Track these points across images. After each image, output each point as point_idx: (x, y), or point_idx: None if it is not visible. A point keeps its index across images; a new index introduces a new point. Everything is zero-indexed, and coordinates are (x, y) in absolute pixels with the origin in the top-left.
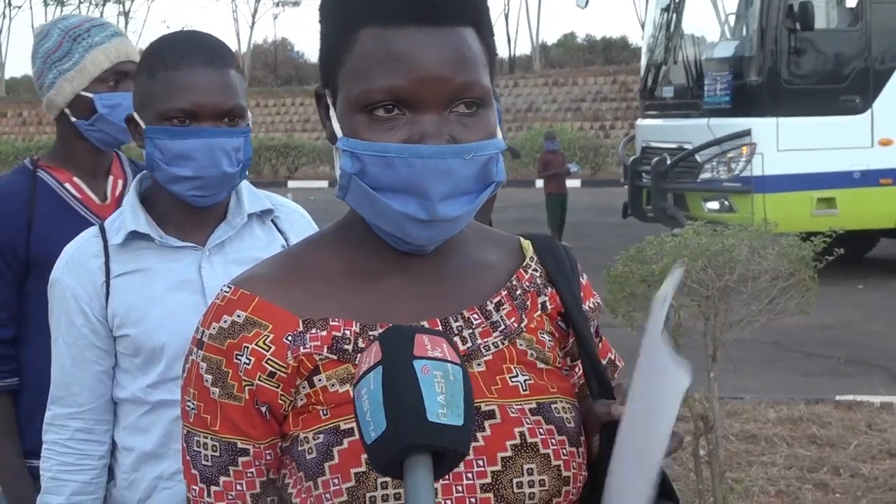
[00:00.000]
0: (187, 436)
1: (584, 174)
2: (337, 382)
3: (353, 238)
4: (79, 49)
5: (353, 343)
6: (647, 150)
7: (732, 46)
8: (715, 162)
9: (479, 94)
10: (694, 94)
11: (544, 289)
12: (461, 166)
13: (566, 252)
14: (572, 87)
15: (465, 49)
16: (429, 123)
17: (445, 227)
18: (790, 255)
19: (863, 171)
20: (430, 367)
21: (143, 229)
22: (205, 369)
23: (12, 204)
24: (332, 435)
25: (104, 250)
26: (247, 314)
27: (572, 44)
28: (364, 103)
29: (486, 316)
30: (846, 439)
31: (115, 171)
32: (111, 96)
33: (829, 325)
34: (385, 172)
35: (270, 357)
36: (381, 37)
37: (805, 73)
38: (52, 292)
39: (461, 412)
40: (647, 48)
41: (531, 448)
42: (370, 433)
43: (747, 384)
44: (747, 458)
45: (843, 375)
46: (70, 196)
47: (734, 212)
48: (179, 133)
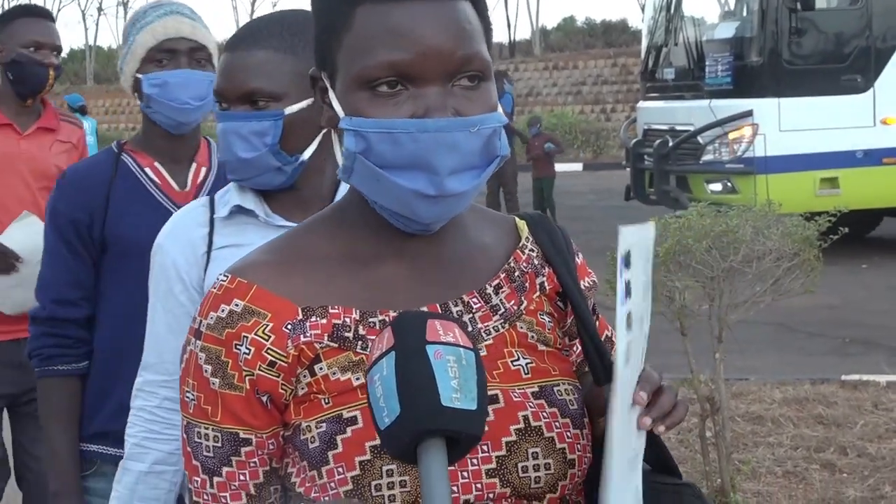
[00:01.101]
0: (187, 427)
1: (585, 157)
2: (338, 370)
3: (350, 224)
4: (133, 31)
5: (353, 330)
6: (649, 133)
7: (733, 27)
8: (717, 143)
9: (480, 66)
10: (695, 76)
11: (542, 269)
12: (467, 140)
13: (561, 231)
14: (573, 71)
15: (464, 21)
16: (433, 97)
17: (453, 202)
18: (794, 234)
19: (865, 151)
20: (443, 352)
21: (248, 205)
22: (203, 360)
23: (91, 185)
24: (335, 423)
25: (210, 221)
26: (245, 303)
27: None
28: (366, 80)
29: (486, 300)
30: (852, 419)
31: (200, 159)
32: (157, 76)
33: (834, 304)
34: (391, 149)
35: (270, 346)
36: (379, 12)
37: (806, 53)
38: (154, 258)
39: (475, 396)
40: (647, 30)
41: (536, 432)
42: (384, 419)
43: (753, 365)
44: (754, 439)
45: (849, 355)
46: (149, 181)
47: (737, 193)
48: (217, 117)
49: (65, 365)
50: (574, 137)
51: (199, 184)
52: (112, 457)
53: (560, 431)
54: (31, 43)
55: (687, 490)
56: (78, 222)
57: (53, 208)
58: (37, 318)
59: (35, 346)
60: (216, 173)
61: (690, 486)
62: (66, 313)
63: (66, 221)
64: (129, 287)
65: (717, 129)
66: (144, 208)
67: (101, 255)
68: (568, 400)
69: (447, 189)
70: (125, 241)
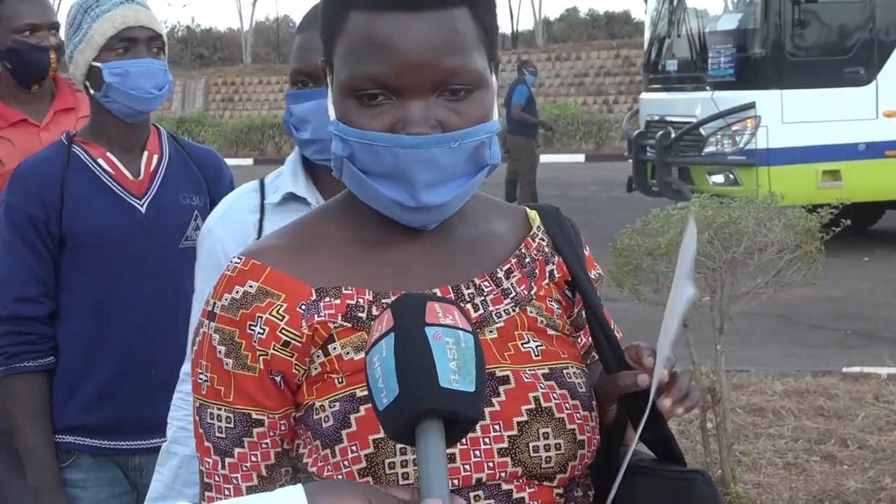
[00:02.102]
0: (200, 408)
1: (588, 149)
2: (352, 350)
3: (362, 207)
4: (87, 20)
5: (366, 311)
6: (652, 124)
7: (736, 19)
8: (719, 135)
9: (466, 79)
10: (698, 68)
11: (552, 257)
12: (446, 154)
13: (571, 223)
14: (575, 62)
15: (452, 33)
16: (414, 109)
17: (435, 211)
18: (796, 227)
19: (868, 143)
20: (442, 334)
21: (300, 192)
22: (217, 341)
23: (45, 179)
24: (349, 402)
25: (260, 207)
26: (259, 284)
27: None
28: (353, 88)
29: (497, 283)
30: (853, 411)
31: (151, 147)
32: (118, 64)
33: (836, 297)
34: (371, 159)
35: (285, 326)
36: (367, 21)
37: (809, 45)
38: (202, 242)
39: (473, 378)
40: (650, 22)
41: (546, 412)
42: (382, 400)
43: (754, 357)
44: (755, 430)
45: (850, 347)
46: (102, 171)
47: (739, 185)
48: (299, 96)
49: (31, 362)
50: (576, 129)
51: (153, 171)
52: (89, 447)
53: (570, 413)
54: (25, 27)
55: (698, 477)
56: (34, 218)
57: (8, 205)
58: None
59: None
60: (168, 160)
61: (701, 473)
62: (29, 311)
63: (23, 218)
64: (93, 279)
65: (720, 121)
66: (100, 199)
67: (60, 249)
68: (577, 383)
69: (423, 202)
70: (84, 234)
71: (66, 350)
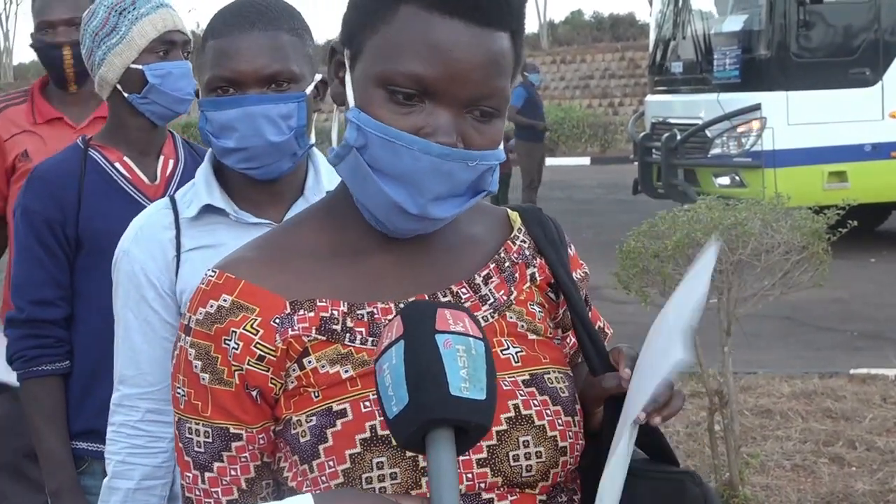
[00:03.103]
0: (179, 423)
1: (593, 151)
2: (327, 363)
3: (338, 217)
4: (125, 22)
5: (341, 323)
6: (657, 126)
7: (741, 20)
8: (725, 137)
9: (498, 103)
10: (703, 69)
11: (533, 260)
12: (462, 171)
13: (553, 222)
14: (580, 65)
15: (500, 55)
16: (445, 118)
17: (429, 224)
18: (803, 228)
19: (874, 145)
20: (453, 341)
21: (217, 203)
22: (193, 355)
23: (62, 182)
24: (325, 417)
25: (175, 223)
26: (233, 298)
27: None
28: (388, 81)
29: (475, 290)
30: (861, 413)
31: (167, 151)
32: (161, 66)
33: (842, 298)
34: (388, 157)
35: (259, 341)
36: (423, 18)
37: (814, 47)
38: (118, 266)
39: (483, 386)
40: (655, 23)
41: (526, 420)
42: (392, 408)
43: (761, 359)
44: (762, 432)
45: (857, 349)
46: (119, 175)
47: (745, 187)
48: (222, 103)
49: (49, 365)
50: (582, 131)
51: (169, 176)
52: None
53: (551, 419)
54: (43, 25)
55: (688, 478)
56: (51, 221)
57: (25, 207)
58: (15, 320)
59: (17, 348)
60: (183, 165)
61: (691, 475)
62: (46, 314)
63: (40, 220)
64: (107, 283)
65: (726, 123)
66: (117, 203)
67: (76, 252)
68: (559, 388)
69: (428, 212)
70: (100, 237)
71: (79, 354)
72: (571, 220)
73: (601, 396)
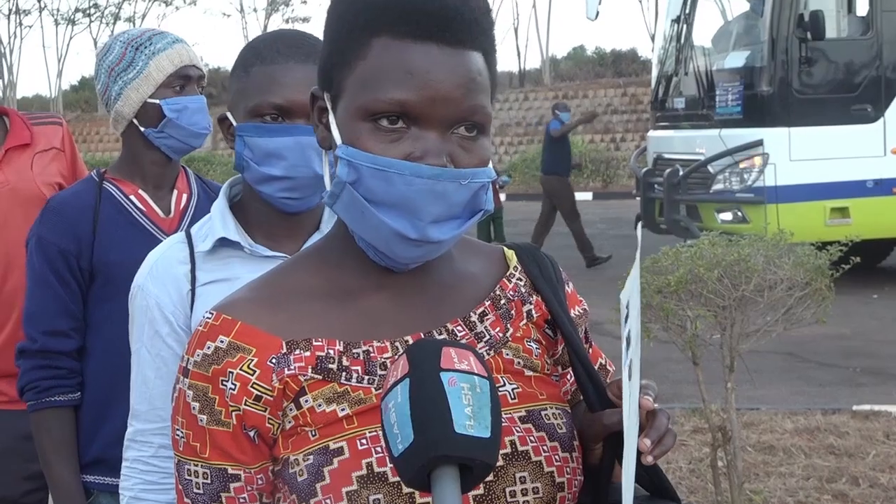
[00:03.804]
0: (178, 465)
1: (595, 186)
2: (323, 402)
3: (334, 257)
4: (142, 57)
5: (337, 362)
6: (660, 162)
7: (743, 57)
8: (727, 173)
9: (481, 119)
10: (705, 105)
11: (529, 297)
12: (456, 191)
13: (550, 260)
14: (583, 100)
15: (476, 73)
16: (432, 141)
17: (431, 248)
18: (806, 264)
19: (876, 181)
20: (458, 379)
21: (232, 236)
22: (191, 397)
23: (77, 214)
24: (322, 455)
25: (190, 257)
26: (230, 339)
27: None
28: (370, 112)
29: (470, 327)
30: (864, 449)
31: (180, 186)
32: (177, 100)
33: (845, 334)
34: (381, 186)
35: (256, 381)
36: (396, 47)
37: (816, 83)
38: (133, 301)
39: (488, 424)
40: (657, 60)
41: (523, 456)
42: (397, 445)
43: (764, 395)
44: (765, 469)
45: (860, 385)
46: (134, 208)
47: (747, 222)
48: (271, 130)
49: (61, 396)
50: (584, 166)
51: (182, 210)
52: (108, 486)
53: (548, 455)
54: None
55: None
56: (66, 252)
57: (40, 238)
58: (28, 350)
59: (29, 379)
60: (197, 199)
61: None
62: (59, 345)
63: (55, 251)
64: (119, 315)
65: (728, 159)
66: (132, 235)
67: (89, 284)
68: (556, 424)
69: (428, 235)
70: (114, 269)
71: (90, 385)
72: (573, 255)
73: (601, 433)
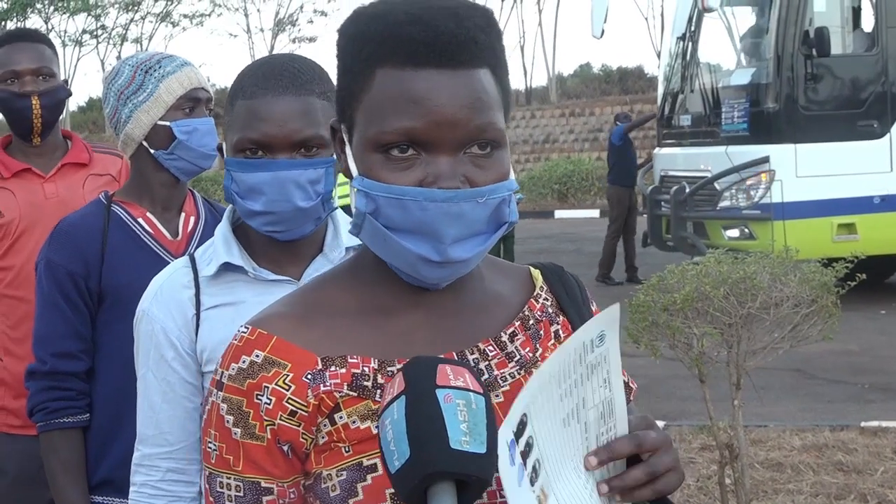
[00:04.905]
0: (210, 477)
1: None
2: (358, 419)
3: (367, 275)
4: (151, 80)
5: (372, 379)
6: (666, 179)
7: (749, 73)
8: (734, 189)
9: (493, 136)
10: (711, 122)
11: (556, 317)
12: (474, 209)
13: (576, 280)
14: (589, 118)
15: (481, 92)
16: (444, 165)
17: (458, 267)
18: (812, 281)
19: (883, 197)
20: (453, 396)
21: (235, 261)
22: (225, 410)
23: (86, 236)
24: (356, 471)
25: (195, 282)
26: (265, 354)
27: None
28: (380, 143)
29: (501, 347)
30: (872, 466)
31: (188, 208)
32: (188, 122)
33: (852, 350)
34: (399, 214)
35: (291, 396)
36: (398, 77)
37: (822, 99)
38: (138, 326)
39: (484, 440)
40: (663, 77)
41: None
42: (394, 462)
43: (771, 412)
44: (773, 486)
45: (868, 401)
46: (142, 230)
47: (754, 239)
48: (250, 165)
49: (71, 417)
50: (591, 184)
51: (190, 232)
52: None
53: None
54: (8, 75)
55: None
56: (75, 274)
57: (49, 260)
58: (37, 372)
59: (39, 400)
60: (204, 222)
61: None
62: (68, 367)
63: (64, 274)
64: (127, 337)
65: (734, 176)
66: (140, 257)
67: (98, 306)
68: None
69: (451, 256)
70: (122, 291)
71: (98, 407)
72: (581, 273)
73: None
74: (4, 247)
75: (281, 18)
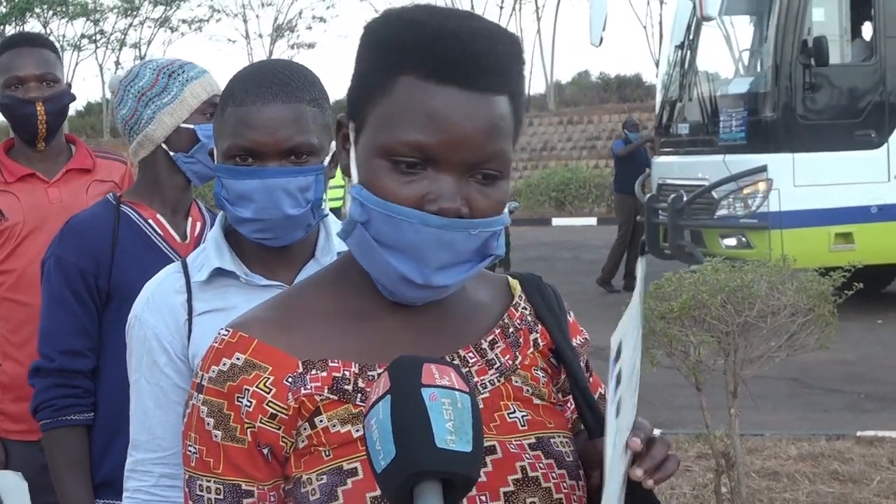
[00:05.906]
0: (189, 480)
1: (600, 212)
2: (338, 423)
3: (350, 280)
4: (176, 83)
5: (352, 383)
6: (664, 188)
7: (747, 82)
8: (731, 198)
9: (500, 165)
10: (709, 131)
11: (535, 325)
12: (465, 240)
13: (552, 289)
14: (587, 126)
15: (499, 119)
16: (448, 184)
17: (437, 291)
18: (809, 290)
19: (880, 206)
20: (438, 395)
21: (227, 266)
22: (206, 413)
23: (96, 233)
24: (336, 475)
25: (187, 287)
26: (246, 357)
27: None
28: (389, 153)
29: (482, 354)
30: (868, 475)
31: (193, 214)
32: (210, 126)
33: (849, 360)
34: (391, 231)
35: (271, 399)
36: (420, 88)
37: (820, 109)
38: (131, 331)
39: (469, 439)
40: (661, 85)
41: (533, 482)
42: (380, 462)
43: (768, 420)
44: (769, 495)
45: (864, 411)
46: (152, 231)
47: (751, 248)
48: (240, 172)
49: (77, 415)
50: (588, 192)
51: (197, 237)
52: None
53: (557, 482)
54: (12, 81)
55: None
56: (85, 272)
57: (59, 257)
58: (44, 369)
59: (45, 397)
60: (209, 227)
61: None
62: (76, 364)
63: (74, 270)
64: None
65: (732, 184)
66: (150, 258)
67: (105, 304)
68: (564, 452)
69: (433, 281)
70: (131, 290)
71: (102, 406)
72: (578, 280)
73: (600, 461)
74: (7, 250)
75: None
